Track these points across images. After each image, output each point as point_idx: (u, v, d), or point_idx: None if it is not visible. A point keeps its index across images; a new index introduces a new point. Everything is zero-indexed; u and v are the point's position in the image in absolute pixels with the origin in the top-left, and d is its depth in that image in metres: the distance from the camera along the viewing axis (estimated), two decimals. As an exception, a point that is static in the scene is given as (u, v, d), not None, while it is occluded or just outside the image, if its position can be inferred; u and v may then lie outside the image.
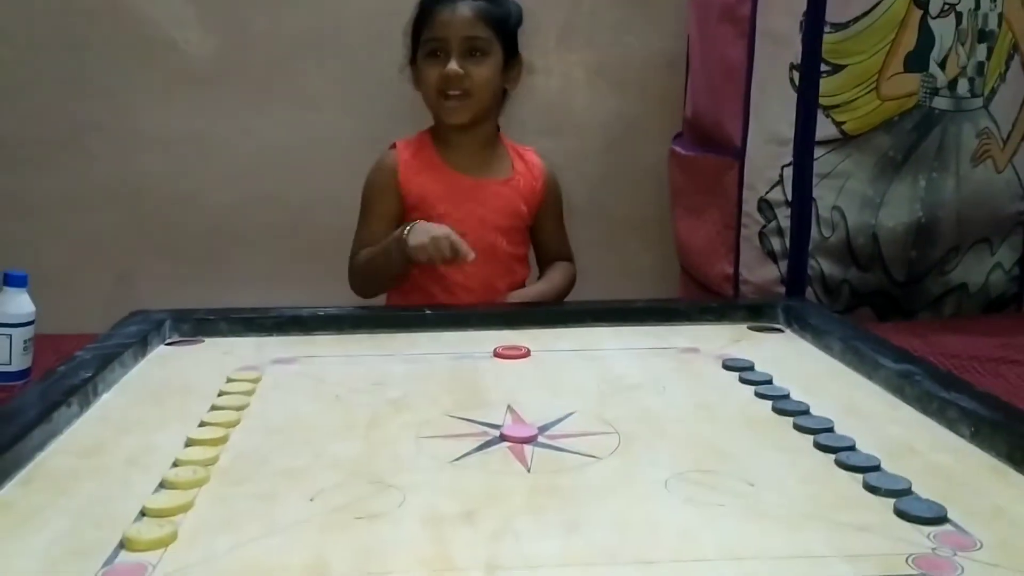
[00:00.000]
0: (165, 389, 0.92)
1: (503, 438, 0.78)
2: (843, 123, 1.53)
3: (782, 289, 1.59)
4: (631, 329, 1.20)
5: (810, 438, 0.79)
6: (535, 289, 1.43)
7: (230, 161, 2.02)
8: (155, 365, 1.03)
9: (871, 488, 0.67)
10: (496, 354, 1.07)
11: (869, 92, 1.52)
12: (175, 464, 0.70)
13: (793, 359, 1.07)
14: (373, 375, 0.98)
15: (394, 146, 1.43)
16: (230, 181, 2.03)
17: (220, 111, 2.00)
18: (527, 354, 1.07)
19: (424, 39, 1.36)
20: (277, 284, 2.03)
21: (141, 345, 1.05)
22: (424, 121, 1.46)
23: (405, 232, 1.26)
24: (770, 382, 0.96)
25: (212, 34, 1.99)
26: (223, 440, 0.76)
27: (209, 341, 1.14)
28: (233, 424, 0.81)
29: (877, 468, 0.71)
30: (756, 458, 0.74)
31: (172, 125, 1.99)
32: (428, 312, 1.23)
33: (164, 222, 2.02)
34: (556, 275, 1.47)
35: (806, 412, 0.85)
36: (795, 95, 1.53)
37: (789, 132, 1.54)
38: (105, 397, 0.89)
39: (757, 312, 1.26)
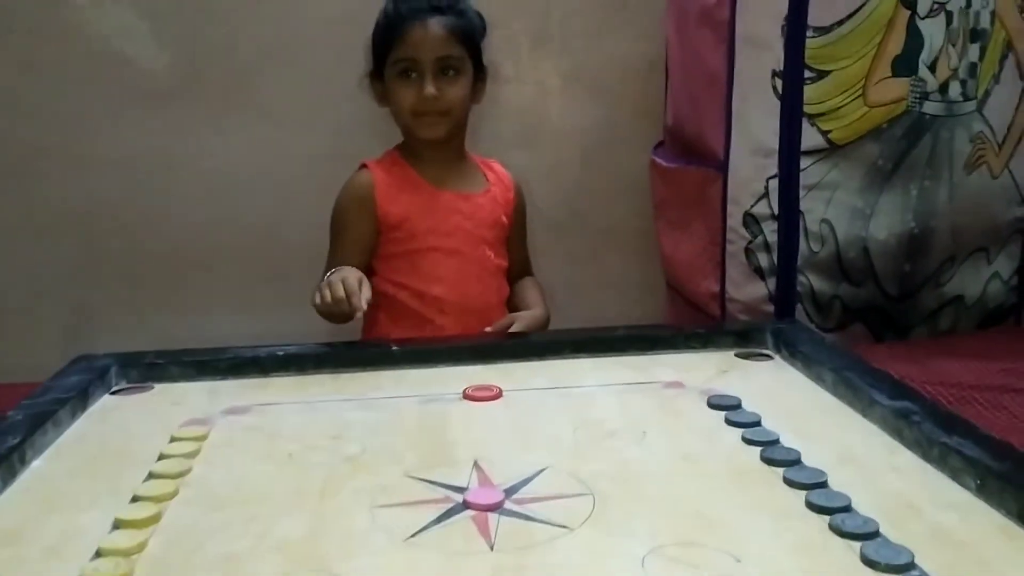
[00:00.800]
0: (102, 453, 0.87)
1: (466, 505, 0.72)
2: (829, 132, 1.49)
3: (771, 307, 1.55)
4: (612, 360, 1.15)
5: (802, 495, 0.73)
6: (536, 314, 1.40)
7: (189, 182, 1.96)
8: (96, 421, 0.97)
9: (870, 562, 0.62)
10: (466, 395, 1.02)
11: (856, 99, 1.48)
12: (97, 554, 0.64)
13: (783, 393, 1.02)
14: (331, 426, 0.93)
15: (364, 166, 1.39)
16: (190, 203, 1.97)
17: (177, 129, 1.94)
18: (499, 395, 1.02)
19: (394, 59, 1.33)
20: (244, 308, 1.98)
21: (81, 398, 0.99)
22: (395, 133, 1.42)
23: (324, 279, 1.26)
24: (759, 424, 0.91)
25: (166, 48, 1.92)
26: (155, 519, 0.70)
27: (159, 388, 1.08)
28: (170, 497, 0.75)
29: (876, 535, 0.66)
30: (743, 524, 0.69)
31: (126, 145, 1.93)
32: (395, 348, 1.17)
33: (121, 248, 1.96)
34: (540, 296, 1.45)
35: (797, 462, 0.80)
36: (779, 103, 1.49)
37: (774, 142, 1.49)
38: (35, 465, 0.83)
39: (745, 337, 1.21)
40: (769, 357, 1.16)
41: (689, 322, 1.76)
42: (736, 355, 1.17)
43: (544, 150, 2.03)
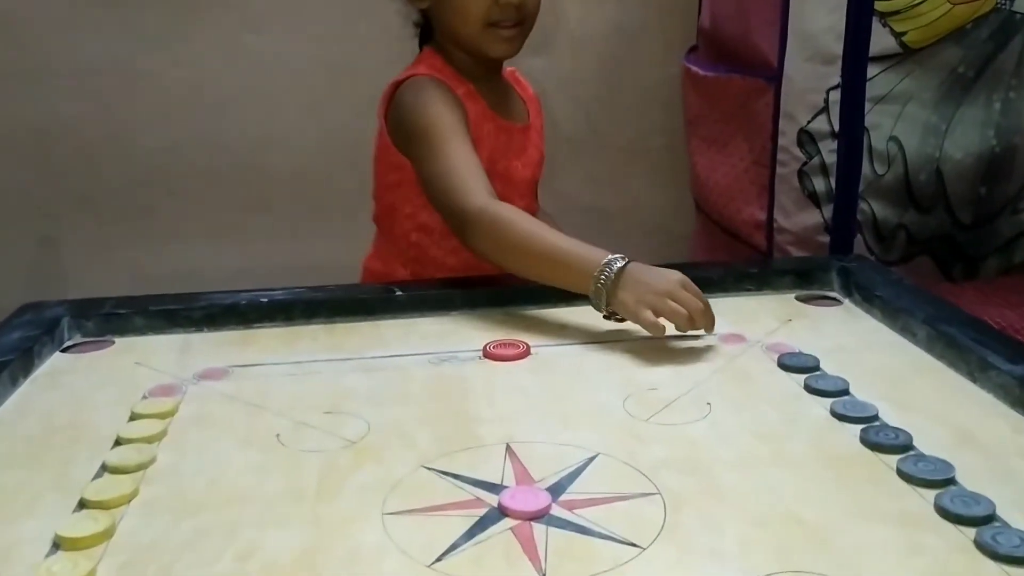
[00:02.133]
0: (45, 435, 0.73)
1: (503, 512, 0.59)
2: (903, 34, 1.34)
3: (826, 238, 1.42)
4: (654, 306, 1.01)
5: (928, 496, 0.60)
6: None
7: (156, 95, 1.82)
8: (41, 390, 0.83)
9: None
10: (486, 354, 0.89)
11: (936, -7, 1.32)
12: (27, 591, 0.52)
13: (865, 349, 0.90)
14: (327, 395, 0.80)
15: (419, 76, 1.11)
16: (160, 120, 1.83)
17: (140, 35, 1.79)
18: (526, 352, 0.90)
19: None
20: (222, 239, 1.85)
21: (24, 360, 0.86)
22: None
23: (600, 277, 0.89)
24: (847, 392, 0.78)
25: (127, -61, 1.74)
26: (107, 534, 0.57)
27: (120, 343, 0.96)
28: (127, 499, 0.62)
29: (1038, 556, 0.53)
30: (862, 539, 0.56)
31: (85, 55, 1.78)
32: (399, 293, 1.03)
33: (83, 172, 1.84)
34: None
35: (909, 447, 0.68)
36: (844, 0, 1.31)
37: (837, 47, 1.34)
38: (-40, 452, 0.70)
39: (806, 277, 1.10)
40: (837, 301, 1.05)
41: (724, 253, 1.63)
42: (798, 298, 1.05)
43: (560, 56, 1.89)
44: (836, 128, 1.37)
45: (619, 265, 0.89)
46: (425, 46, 1.17)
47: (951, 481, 0.62)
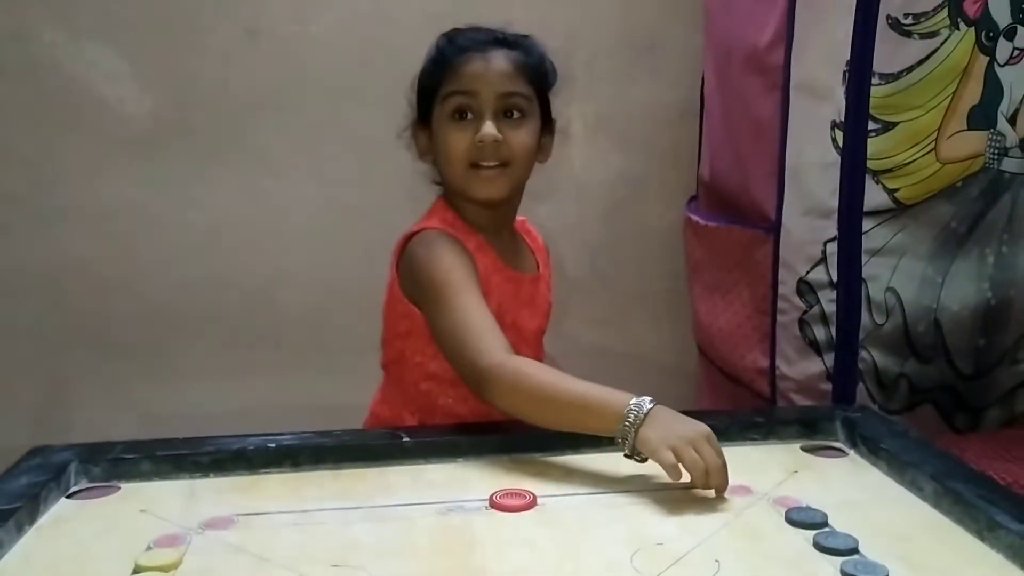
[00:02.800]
0: (47, 589, 0.72)
1: (512, 677, 0.58)
2: (896, 190, 1.38)
3: (828, 386, 1.42)
4: (660, 456, 1.01)
5: (941, 664, 0.59)
6: None
7: (172, 237, 1.86)
8: (45, 540, 0.83)
9: None
10: (493, 503, 0.89)
11: (927, 153, 1.37)
12: None
13: (872, 504, 0.90)
14: (333, 547, 0.80)
15: (427, 229, 1.12)
16: (173, 261, 1.87)
17: (160, 179, 1.85)
18: (532, 503, 0.89)
19: (446, 93, 1.11)
20: (230, 376, 1.85)
21: (31, 507, 0.86)
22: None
23: (631, 416, 0.91)
24: (856, 550, 0.78)
25: (150, 90, 1.83)
26: None
27: (126, 488, 0.95)
28: (130, 662, 0.61)
29: None
30: None
31: (104, 197, 1.83)
32: (406, 440, 1.03)
33: (96, 310, 1.86)
34: None
35: (921, 611, 0.67)
36: (839, 158, 1.38)
37: (833, 201, 1.39)
38: (-38, 607, 0.69)
39: (810, 427, 1.10)
40: (842, 452, 1.05)
41: (728, 398, 1.64)
42: (803, 449, 1.06)
43: (566, 204, 1.94)
44: (834, 279, 1.40)
45: (648, 407, 0.91)
46: (439, 198, 1.19)
47: (965, 649, 0.61)
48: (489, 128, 1.08)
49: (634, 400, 0.92)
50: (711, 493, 0.89)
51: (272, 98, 1.85)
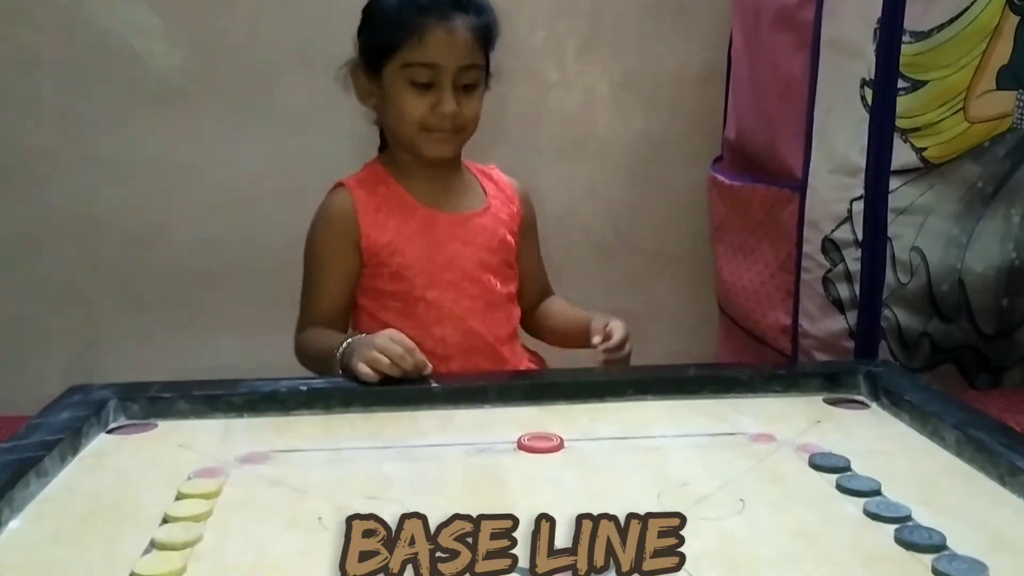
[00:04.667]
0: (94, 512, 0.75)
1: (541, 598, 0.60)
2: (924, 149, 1.37)
3: (850, 344, 1.43)
4: (683, 404, 1.04)
5: (964, 596, 0.61)
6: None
7: (203, 192, 1.87)
8: (88, 469, 0.85)
9: None
10: (521, 446, 0.90)
11: (955, 113, 1.37)
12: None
13: (895, 452, 0.90)
14: (368, 482, 0.82)
15: (340, 185, 1.24)
16: (203, 215, 1.88)
17: (190, 134, 1.85)
18: (559, 445, 0.91)
19: (406, 61, 1.15)
20: (259, 332, 1.86)
21: (73, 440, 0.88)
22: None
23: (339, 352, 1.08)
24: (879, 492, 0.78)
25: (180, 45, 1.83)
26: (159, 609, 0.58)
27: (163, 426, 0.97)
28: (178, 575, 0.63)
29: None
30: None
31: (135, 150, 1.84)
32: (435, 386, 1.05)
33: (127, 262, 1.87)
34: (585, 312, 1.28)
35: (942, 547, 0.68)
36: (867, 116, 1.38)
37: (860, 160, 1.39)
38: (12, 526, 0.72)
39: (834, 380, 1.10)
40: (864, 405, 1.05)
41: (749, 357, 1.64)
42: (825, 401, 1.06)
43: (590, 164, 1.93)
44: (860, 237, 1.40)
45: (343, 343, 1.08)
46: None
47: (987, 583, 0.62)
48: (449, 103, 1.14)
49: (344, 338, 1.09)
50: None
51: (301, 55, 1.84)
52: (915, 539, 0.69)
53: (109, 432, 0.95)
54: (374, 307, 1.22)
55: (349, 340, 1.08)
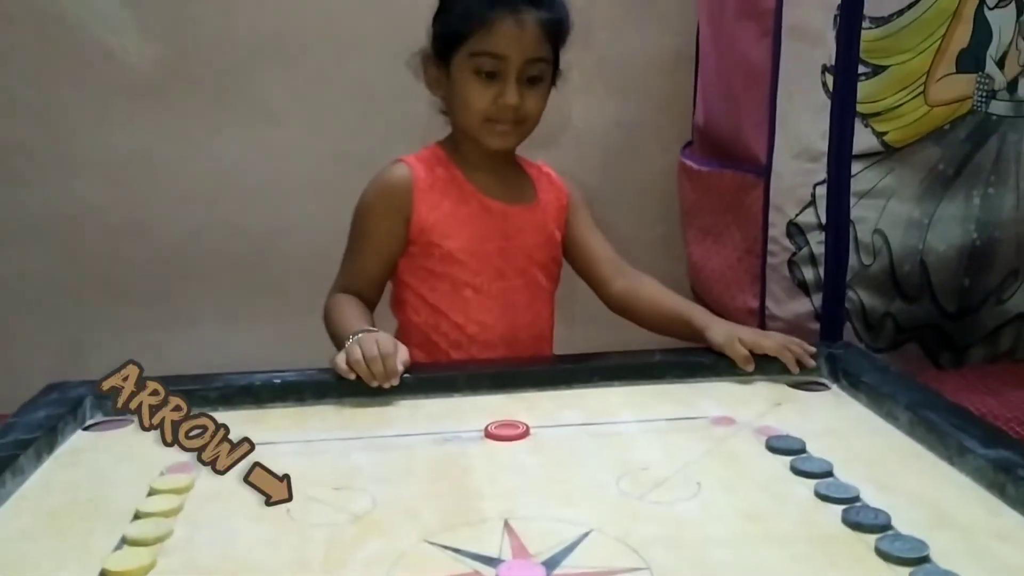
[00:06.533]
0: (68, 509, 0.76)
1: (500, 585, 0.62)
2: (885, 133, 1.39)
3: (816, 326, 1.45)
4: (649, 389, 1.06)
5: (902, 572, 0.63)
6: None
7: (180, 185, 1.88)
8: (64, 466, 0.86)
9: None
10: (488, 434, 0.92)
11: (915, 97, 1.38)
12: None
13: (850, 433, 0.92)
14: (336, 472, 0.83)
15: (400, 160, 1.22)
16: (180, 207, 1.88)
17: (166, 128, 1.85)
18: (525, 433, 0.92)
19: (474, 50, 1.15)
20: (239, 323, 1.88)
21: (49, 437, 0.89)
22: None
23: (348, 343, 1.06)
24: (831, 474, 0.81)
25: (154, 40, 1.83)
26: (126, 605, 0.60)
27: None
28: (146, 570, 0.65)
29: (1006, 632, 0.55)
30: (838, 613, 0.59)
31: (111, 145, 1.84)
32: (406, 375, 1.06)
33: (106, 256, 1.87)
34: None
35: (887, 527, 0.70)
36: (828, 101, 1.40)
37: (822, 145, 1.40)
38: (-14, 525, 0.73)
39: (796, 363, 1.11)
40: (825, 387, 1.07)
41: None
42: (788, 384, 1.08)
43: (562, 150, 1.93)
44: (823, 221, 1.42)
45: (354, 335, 1.06)
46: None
47: (925, 559, 0.64)
48: (512, 96, 1.13)
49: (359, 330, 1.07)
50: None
51: (275, 47, 1.85)
52: (861, 519, 0.71)
53: (86, 429, 0.96)
54: (423, 288, 1.22)
55: (359, 334, 1.06)
